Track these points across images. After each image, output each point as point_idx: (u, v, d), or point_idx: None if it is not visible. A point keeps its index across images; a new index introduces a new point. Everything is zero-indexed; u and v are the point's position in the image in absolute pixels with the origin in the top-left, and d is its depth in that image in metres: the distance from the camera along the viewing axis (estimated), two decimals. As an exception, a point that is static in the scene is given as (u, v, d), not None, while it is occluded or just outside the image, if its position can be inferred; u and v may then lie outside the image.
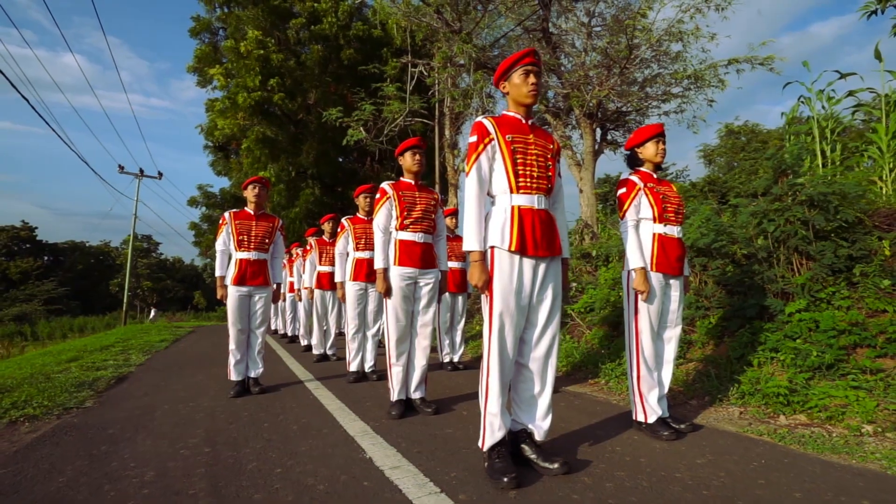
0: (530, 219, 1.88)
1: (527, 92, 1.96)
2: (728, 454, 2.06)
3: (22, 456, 2.24)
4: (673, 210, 2.47)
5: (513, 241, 1.83)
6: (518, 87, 1.97)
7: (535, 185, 1.92)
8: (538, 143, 1.98)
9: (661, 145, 2.53)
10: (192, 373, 4.62)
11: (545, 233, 1.90)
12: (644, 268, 2.34)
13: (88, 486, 1.83)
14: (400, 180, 3.10)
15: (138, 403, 3.30)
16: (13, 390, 3.59)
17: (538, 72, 1.99)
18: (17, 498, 1.75)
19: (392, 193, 2.96)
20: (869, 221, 3.55)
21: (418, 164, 3.04)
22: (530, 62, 1.95)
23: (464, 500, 1.60)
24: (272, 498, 1.66)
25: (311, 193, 12.55)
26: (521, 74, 1.96)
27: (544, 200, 1.96)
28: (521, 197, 1.90)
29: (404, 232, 2.92)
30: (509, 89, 2.02)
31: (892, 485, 1.72)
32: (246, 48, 10.55)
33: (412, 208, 2.93)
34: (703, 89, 6.53)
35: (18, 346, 17.65)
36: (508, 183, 1.90)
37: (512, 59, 1.99)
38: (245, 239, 3.56)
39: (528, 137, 1.96)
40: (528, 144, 1.95)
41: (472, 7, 6.67)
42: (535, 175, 1.92)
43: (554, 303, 1.93)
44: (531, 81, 1.95)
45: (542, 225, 1.90)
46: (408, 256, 2.87)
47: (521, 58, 1.96)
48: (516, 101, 2.02)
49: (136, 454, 2.20)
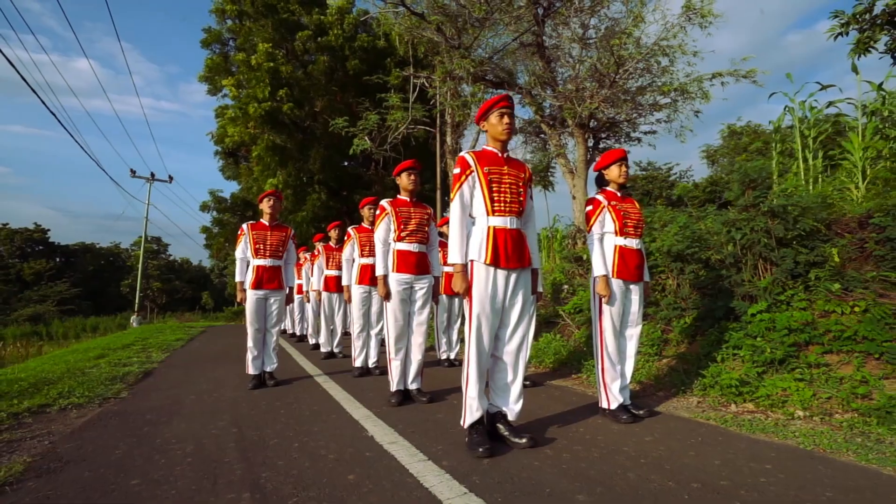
0: (503, 237, 2.24)
1: (501, 130, 2.34)
2: (673, 434, 2.43)
3: (78, 436, 2.66)
4: (633, 225, 2.84)
5: (488, 255, 2.21)
6: (494, 126, 2.35)
7: (507, 209, 2.28)
8: (511, 173, 2.34)
9: (623, 168, 2.90)
10: (211, 368, 5.05)
11: (516, 248, 2.27)
12: (606, 275, 2.72)
13: (142, 456, 2.24)
14: (397, 197, 3.49)
15: (167, 394, 3.72)
16: (56, 383, 4.02)
17: (511, 113, 2.36)
18: (86, 465, 2.16)
19: (390, 210, 3.36)
20: (825, 230, 3.89)
21: (413, 184, 3.43)
22: (504, 106, 2.33)
23: (446, 465, 1.99)
24: (292, 464, 2.06)
25: (318, 198, 13.01)
26: (497, 116, 2.34)
27: (516, 221, 2.31)
28: (496, 219, 2.27)
29: (401, 243, 3.31)
30: (487, 128, 2.40)
31: (798, 454, 2.09)
32: (256, 61, 11.05)
33: (408, 222, 3.33)
34: (689, 101, 6.88)
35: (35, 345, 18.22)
36: (485, 207, 2.28)
37: (489, 103, 2.37)
38: (261, 247, 3.97)
39: (503, 168, 2.33)
40: (503, 175, 2.32)
41: (469, 24, 7.05)
42: (507, 200, 2.29)
43: (524, 306, 2.32)
44: (505, 122, 2.33)
45: (513, 242, 2.26)
46: (404, 264, 3.27)
47: (497, 102, 2.34)
48: (493, 137, 2.39)
49: (175, 434, 2.61)
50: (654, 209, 5.83)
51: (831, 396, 2.78)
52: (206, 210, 16.49)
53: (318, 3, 12.87)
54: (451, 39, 7.39)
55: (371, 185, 14.23)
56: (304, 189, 13.06)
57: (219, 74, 13.79)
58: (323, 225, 11.88)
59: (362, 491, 1.75)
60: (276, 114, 11.48)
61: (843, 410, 2.67)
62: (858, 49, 3.93)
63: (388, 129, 9.18)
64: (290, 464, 2.06)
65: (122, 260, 44.47)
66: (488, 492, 1.71)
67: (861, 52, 3.97)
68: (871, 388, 2.76)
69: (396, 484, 1.81)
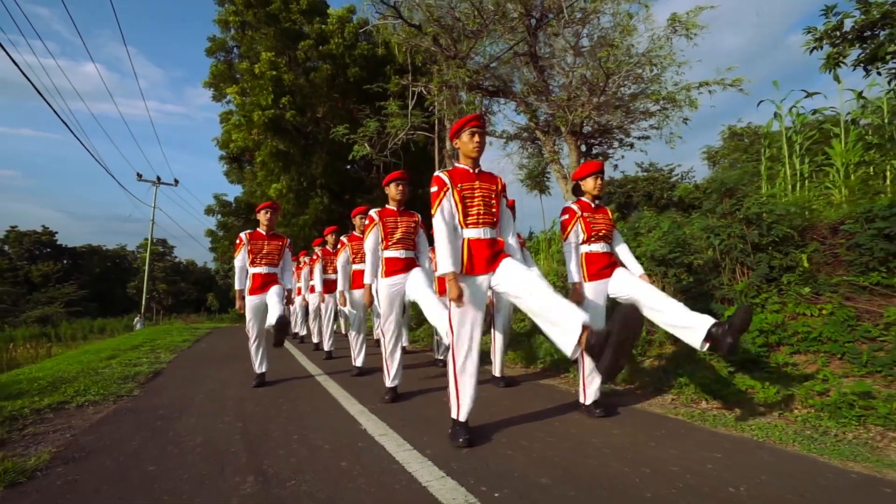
0: (478, 247, 2.44)
1: (472, 148, 2.48)
2: (641, 428, 2.64)
3: (96, 429, 2.90)
4: (602, 234, 3.01)
5: (464, 266, 2.42)
6: (466, 144, 2.49)
7: (481, 221, 2.47)
8: (482, 187, 2.51)
9: (598, 181, 3.06)
10: (217, 369, 5.29)
11: (490, 256, 2.45)
12: (579, 283, 2.94)
13: (156, 447, 2.48)
14: (385, 207, 3.66)
15: (176, 393, 3.97)
16: (72, 382, 4.27)
17: (482, 132, 2.50)
18: (106, 454, 2.40)
19: (378, 220, 3.55)
20: (798, 236, 4.09)
21: (401, 194, 3.60)
22: (475, 125, 2.47)
23: (429, 454, 2.22)
24: (291, 453, 2.29)
25: (320, 202, 13.28)
26: (468, 134, 2.48)
27: (490, 231, 2.49)
28: (470, 230, 2.46)
29: (388, 251, 3.52)
30: (460, 145, 2.55)
31: (749, 444, 2.30)
32: (260, 69, 11.34)
33: (394, 232, 3.53)
34: (677, 109, 7.08)
35: (44, 346, 18.56)
36: (459, 220, 2.47)
37: (461, 122, 2.52)
38: (258, 257, 4.16)
39: (475, 184, 2.50)
40: (474, 189, 2.49)
41: (464, 36, 7.28)
42: (481, 213, 2.47)
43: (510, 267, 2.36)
44: (476, 140, 2.47)
45: (488, 250, 2.45)
46: (392, 268, 3.48)
47: (469, 122, 2.49)
48: (465, 154, 2.54)
49: (185, 428, 2.85)
50: (640, 214, 6.04)
51: (792, 394, 2.99)
52: (210, 213, 16.84)
53: (319, 12, 13.18)
54: (447, 50, 7.63)
55: (372, 189, 14.48)
56: (306, 193, 13.34)
57: (223, 81, 14.14)
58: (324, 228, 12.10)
59: (352, 475, 1.98)
60: (279, 121, 11.77)
61: (801, 406, 2.87)
62: (829, 64, 4.12)
63: (388, 136, 9.43)
64: (289, 453, 2.29)
65: (128, 262, 44.96)
66: (463, 475, 1.93)
67: (832, 66, 4.17)
68: (830, 386, 2.96)
69: (383, 469, 2.03)
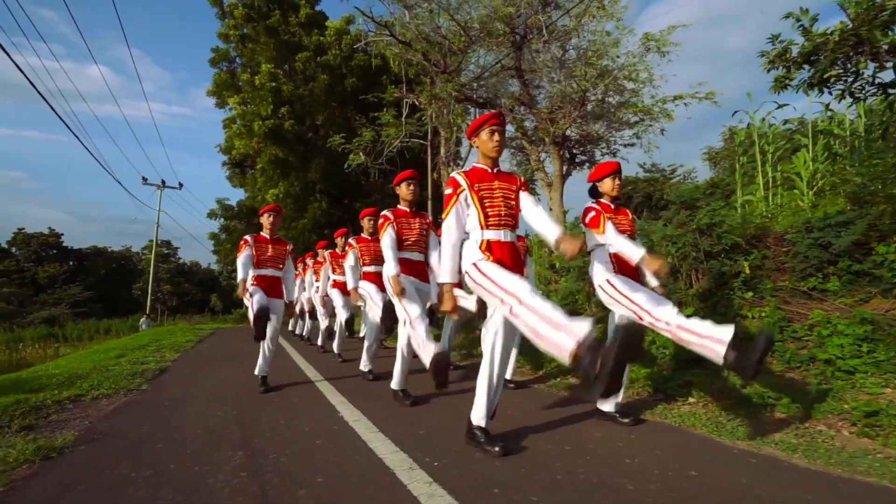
0: (498, 248, 2.30)
1: (492, 147, 2.36)
2: (585, 417, 3.04)
3: (110, 418, 3.32)
4: (626, 236, 2.73)
5: (489, 255, 2.26)
6: (485, 143, 2.37)
7: (502, 223, 2.32)
8: (502, 187, 2.37)
9: (616, 181, 2.86)
10: (218, 367, 5.72)
11: (513, 259, 2.31)
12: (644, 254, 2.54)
13: (163, 431, 2.90)
14: (397, 207, 3.57)
15: (180, 388, 4.39)
16: (86, 377, 4.71)
17: (502, 130, 2.37)
18: (121, 437, 2.82)
19: (393, 219, 3.47)
20: (745, 245, 4.48)
21: (412, 194, 3.51)
22: (495, 123, 2.33)
23: (391, 435, 2.62)
24: (277, 435, 2.71)
25: (319, 206, 13.76)
26: (488, 133, 2.34)
27: (510, 234, 2.34)
28: (490, 232, 2.31)
29: (402, 253, 3.45)
30: (478, 144, 2.41)
31: (665, 428, 2.70)
32: (260, 81, 11.84)
33: (409, 234, 3.48)
34: (654, 120, 7.48)
35: (52, 347, 19.06)
36: (479, 221, 2.32)
37: (481, 119, 2.39)
38: (263, 260, 4.15)
39: (493, 184, 2.36)
40: (493, 189, 2.35)
41: (451, 52, 7.70)
42: (501, 213, 2.33)
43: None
44: (496, 139, 2.34)
45: (510, 252, 2.31)
46: (405, 272, 3.42)
47: (488, 119, 2.35)
48: (484, 153, 2.41)
49: (187, 416, 3.27)
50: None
51: (720, 387, 3.38)
52: (213, 217, 17.34)
53: (317, 24, 13.66)
54: (437, 65, 8.06)
55: (371, 193, 14.91)
56: (305, 198, 13.83)
57: (226, 90, 14.64)
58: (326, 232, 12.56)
59: (323, 449, 2.39)
60: (278, 130, 12.26)
61: (726, 398, 3.26)
62: (776, 87, 4.51)
63: (384, 144, 9.86)
64: (275, 434, 2.71)
65: (133, 263, 45.56)
66: (412, 449, 2.34)
67: (780, 88, 4.55)
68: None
69: (350, 446, 2.45)
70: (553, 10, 7.13)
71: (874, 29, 3.63)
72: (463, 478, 1.99)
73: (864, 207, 4.11)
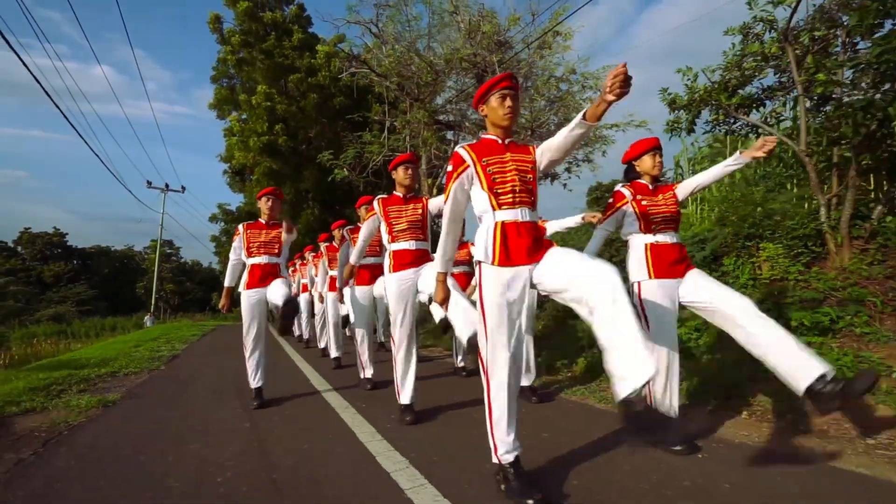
0: (514, 231, 1.94)
1: (503, 114, 2.02)
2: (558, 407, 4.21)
3: (141, 387, 4.51)
4: (666, 219, 2.53)
5: (497, 255, 1.93)
6: (495, 109, 2.04)
7: (517, 200, 1.96)
8: (515, 159, 2.01)
9: (657, 157, 2.59)
10: (222, 356, 6.92)
11: (532, 244, 1.94)
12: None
13: (181, 393, 4.10)
14: (392, 194, 3.31)
15: (193, 369, 5.59)
16: (114, 360, 5.91)
17: (514, 95, 2.05)
18: (152, 397, 4.01)
19: (379, 210, 3.26)
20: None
21: (410, 178, 3.24)
22: (507, 86, 2.01)
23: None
24: (271, 400, 3.87)
25: (312, 213, 14.94)
26: (498, 98, 2.02)
27: (528, 213, 1.98)
28: (504, 212, 1.96)
29: (396, 243, 3.18)
30: (487, 112, 2.08)
31: (596, 411, 3.86)
32: (256, 100, 13.04)
33: (398, 222, 3.19)
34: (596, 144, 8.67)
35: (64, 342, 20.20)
36: (490, 202, 1.98)
37: (489, 83, 2.05)
38: (256, 246, 3.76)
39: (505, 156, 2.01)
40: (505, 163, 1.99)
41: (423, 84, 8.87)
42: (516, 190, 1.96)
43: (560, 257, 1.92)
44: (507, 105, 2.01)
45: (528, 234, 1.95)
46: (401, 262, 3.12)
47: (498, 82, 2.02)
48: (494, 123, 2.08)
49: (199, 386, 4.46)
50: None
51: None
52: (214, 221, 18.51)
53: (309, 47, 14.77)
54: (411, 93, 9.23)
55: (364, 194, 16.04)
56: (298, 205, 15.02)
57: (226, 104, 15.81)
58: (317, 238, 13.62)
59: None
60: (273, 145, 13.44)
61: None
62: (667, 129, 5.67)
63: (367, 159, 11.03)
64: (269, 399, 3.87)
65: (136, 263, 46.65)
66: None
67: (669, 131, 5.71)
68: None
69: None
70: (507, 50, 8.31)
71: (720, 94, 4.86)
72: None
73: (723, 227, 5.30)
